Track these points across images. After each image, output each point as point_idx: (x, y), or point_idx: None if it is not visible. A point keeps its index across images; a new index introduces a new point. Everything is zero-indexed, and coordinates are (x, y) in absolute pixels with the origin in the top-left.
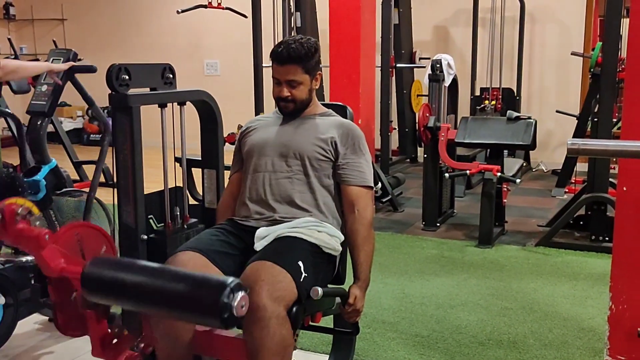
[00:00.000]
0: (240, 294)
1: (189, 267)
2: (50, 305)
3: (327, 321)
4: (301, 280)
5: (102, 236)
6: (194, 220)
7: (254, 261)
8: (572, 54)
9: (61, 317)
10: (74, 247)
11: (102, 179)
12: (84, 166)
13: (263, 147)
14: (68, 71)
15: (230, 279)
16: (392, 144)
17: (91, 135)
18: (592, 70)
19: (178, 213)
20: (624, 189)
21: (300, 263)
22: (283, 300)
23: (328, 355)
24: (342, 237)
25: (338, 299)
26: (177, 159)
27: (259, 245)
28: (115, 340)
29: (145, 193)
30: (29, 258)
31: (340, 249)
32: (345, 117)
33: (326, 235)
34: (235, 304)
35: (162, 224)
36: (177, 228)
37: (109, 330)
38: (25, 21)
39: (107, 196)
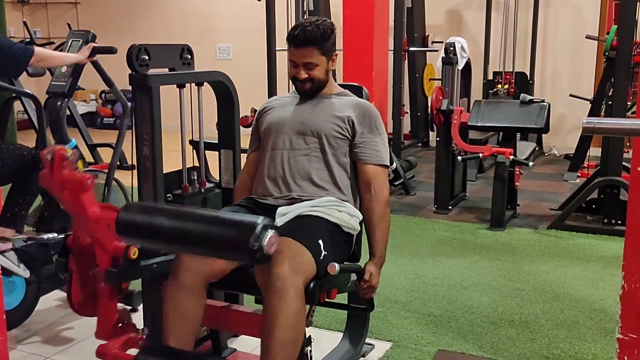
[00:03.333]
0: (270, 232)
1: None
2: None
3: (342, 299)
4: (321, 258)
5: None
6: (210, 185)
7: None
8: (586, 37)
9: (76, 294)
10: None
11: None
12: (98, 149)
13: (281, 126)
14: (92, 52)
15: (261, 219)
16: (404, 127)
17: (104, 119)
18: (606, 53)
19: (195, 177)
20: (639, 169)
21: (321, 242)
22: (303, 274)
23: (342, 333)
24: (361, 217)
25: (354, 276)
26: (191, 142)
27: (279, 222)
28: (120, 325)
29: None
30: (51, 236)
31: (359, 228)
32: (361, 97)
33: (346, 214)
34: (266, 242)
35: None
36: (194, 192)
37: (117, 312)
38: (38, 5)
39: (122, 179)
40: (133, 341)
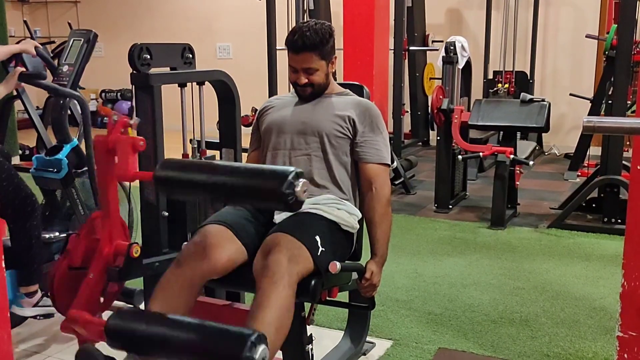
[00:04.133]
0: (302, 180)
1: (216, 239)
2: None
3: (343, 297)
4: (318, 254)
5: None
6: (210, 154)
7: (272, 233)
8: (586, 36)
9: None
10: None
11: None
12: None
13: (281, 126)
14: (20, 78)
15: (292, 168)
16: (404, 127)
17: (104, 119)
18: (606, 53)
19: (196, 145)
20: (638, 167)
21: (318, 238)
22: (298, 265)
23: (343, 331)
24: (360, 215)
25: (355, 275)
26: (191, 142)
27: (278, 218)
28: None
29: None
30: (52, 235)
31: (358, 226)
32: (362, 96)
33: (345, 212)
34: (299, 189)
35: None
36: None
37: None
38: (39, 3)
39: None
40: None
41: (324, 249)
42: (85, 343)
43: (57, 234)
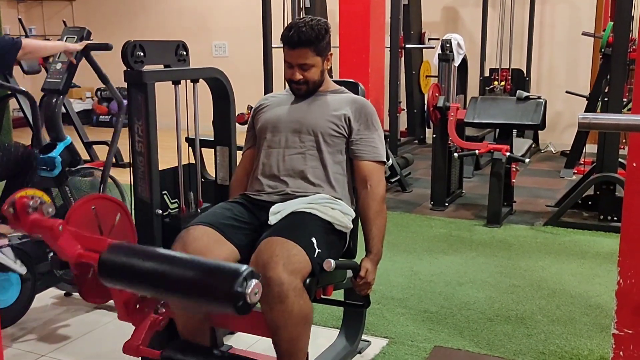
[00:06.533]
0: (254, 281)
1: (203, 242)
2: (67, 280)
3: (338, 296)
4: (315, 255)
5: (117, 206)
6: (207, 205)
7: (267, 237)
8: (583, 34)
9: (83, 286)
10: (91, 221)
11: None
12: (94, 147)
13: (276, 124)
14: (83, 50)
15: (243, 267)
16: (400, 124)
17: (100, 117)
18: (602, 50)
19: (192, 197)
20: (634, 164)
21: (314, 239)
22: (299, 273)
23: (338, 330)
24: (354, 215)
25: (350, 273)
26: (187, 140)
27: (273, 219)
28: (138, 305)
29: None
30: None
31: (352, 226)
32: (357, 94)
33: (339, 212)
34: (249, 291)
35: (176, 200)
36: (191, 213)
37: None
38: (34, 2)
39: (118, 176)
40: (154, 324)
41: (320, 250)
42: None
43: None
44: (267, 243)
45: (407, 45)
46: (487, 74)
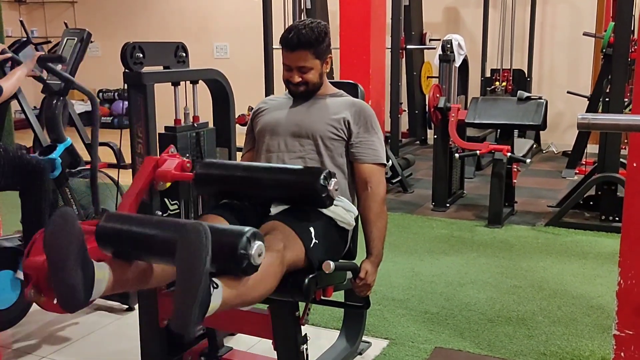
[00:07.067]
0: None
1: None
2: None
3: (339, 297)
4: (311, 245)
5: None
6: (204, 122)
7: (269, 221)
8: (584, 34)
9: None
10: None
11: (114, 160)
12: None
13: (275, 128)
14: (39, 62)
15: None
16: (401, 126)
17: (102, 118)
18: (604, 50)
19: (189, 112)
20: (634, 164)
21: (312, 229)
22: (290, 252)
23: (339, 331)
24: (357, 212)
25: (350, 274)
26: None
27: (274, 210)
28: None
29: None
30: None
31: (354, 223)
32: (357, 95)
33: (342, 209)
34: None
35: (176, 201)
36: (186, 126)
37: None
38: (36, 4)
39: (121, 177)
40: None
41: (317, 242)
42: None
43: None
44: (270, 223)
45: (408, 46)
46: (488, 74)
